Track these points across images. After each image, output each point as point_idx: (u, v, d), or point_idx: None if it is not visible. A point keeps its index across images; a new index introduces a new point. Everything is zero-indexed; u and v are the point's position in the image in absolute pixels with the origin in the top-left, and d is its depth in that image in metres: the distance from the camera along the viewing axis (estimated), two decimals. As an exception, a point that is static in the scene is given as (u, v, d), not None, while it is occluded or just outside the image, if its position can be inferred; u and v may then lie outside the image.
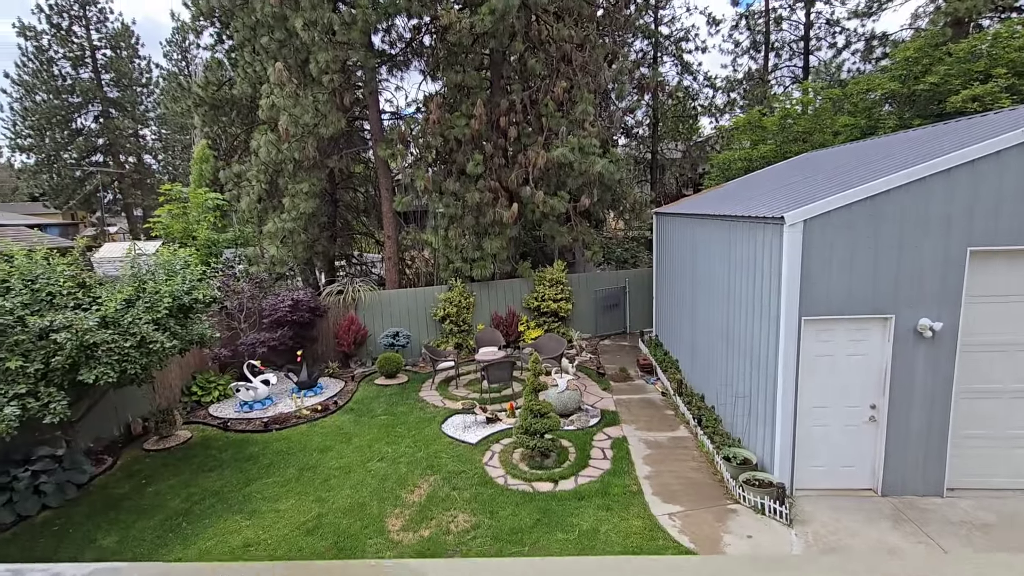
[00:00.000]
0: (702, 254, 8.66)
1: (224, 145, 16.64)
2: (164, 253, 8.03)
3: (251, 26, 12.25)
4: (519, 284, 13.53)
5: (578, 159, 11.63)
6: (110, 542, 5.85)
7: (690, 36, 22.11)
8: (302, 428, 8.80)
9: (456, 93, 12.81)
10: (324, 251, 15.10)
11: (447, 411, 9.19)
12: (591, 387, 10.07)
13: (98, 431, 8.13)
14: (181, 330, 7.25)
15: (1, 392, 5.46)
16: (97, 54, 30.48)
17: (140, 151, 33.56)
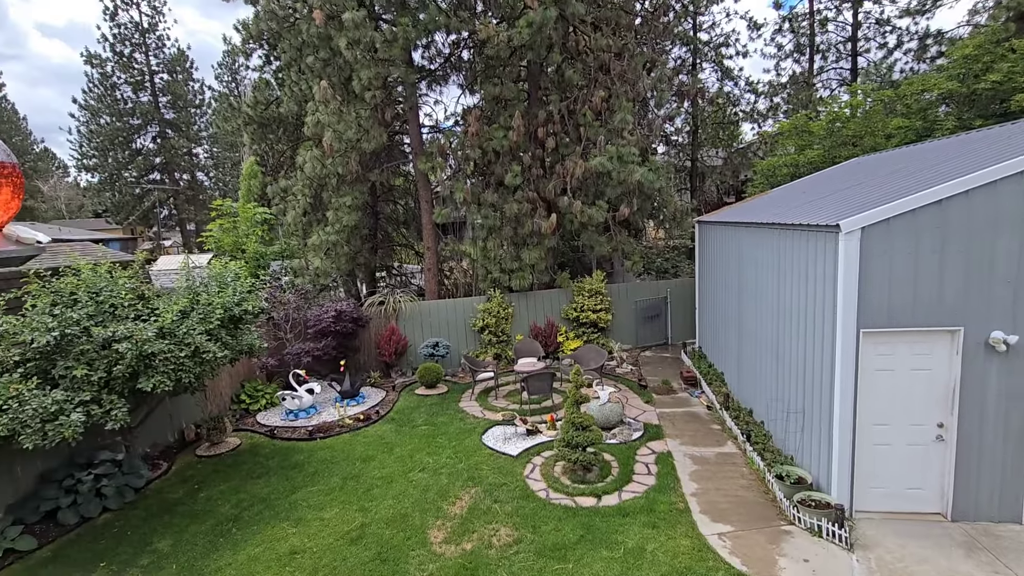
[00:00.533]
0: (749, 263, 8.38)
1: (271, 161, 17.30)
2: (216, 266, 8.36)
3: (297, 47, 12.73)
4: (558, 295, 13.45)
5: (617, 168, 11.51)
6: (165, 545, 6.06)
7: (730, 41, 21.69)
8: (345, 437, 8.94)
9: (494, 105, 12.94)
10: (366, 262, 15.44)
11: (487, 422, 9.16)
12: (633, 400, 9.86)
13: (154, 437, 8.48)
14: (232, 340, 7.50)
15: (68, 399, 5.76)
16: (155, 78, 32.37)
17: (193, 169, 35.32)
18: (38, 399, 5.53)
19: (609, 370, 11.75)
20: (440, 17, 10.95)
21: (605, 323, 13.09)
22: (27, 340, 5.89)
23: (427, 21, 11.10)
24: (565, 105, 12.48)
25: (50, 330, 5.92)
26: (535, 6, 10.44)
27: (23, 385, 5.55)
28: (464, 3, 11.92)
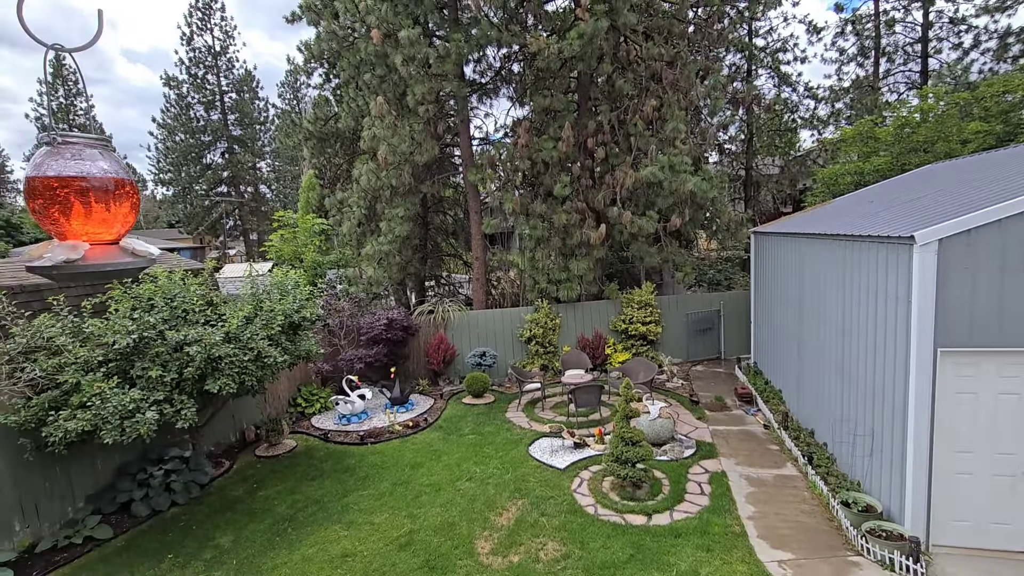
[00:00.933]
0: (810, 276, 8.00)
1: (329, 174, 18.03)
2: (278, 274, 8.76)
3: (355, 65, 13.26)
4: (606, 306, 13.28)
5: (668, 178, 11.29)
6: (226, 541, 6.34)
7: (788, 46, 20.95)
8: (394, 443, 9.10)
9: (544, 117, 13.01)
10: (416, 272, 15.78)
11: (534, 433, 9.11)
12: (684, 415, 9.56)
13: (218, 436, 8.93)
14: (291, 346, 7.82)
15: (144, 398, 6.15)
16: (225, 98, 34.55)
17: (257, 182, 37.33)
18: (118, 397, 5.94)
19: (659, 384, 11.47)
20: (492, 32, 11.13)
21: (655, 336, 12.81)
22: (110, 342, 6.34)
23: (479, 36, 11.32)
24: (615, 115, 12.40)
25: (130, 333, 6.36)
26: (586, 17, 10.45)
27: (105, 384, 5.98)
28: (515, 17, 12.08)
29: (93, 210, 1.26)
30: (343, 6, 12.51)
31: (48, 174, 1.22)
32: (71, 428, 5.68)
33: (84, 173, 1.25)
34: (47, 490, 6.48)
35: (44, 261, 1.21)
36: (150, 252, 1.33)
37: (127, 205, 1.32)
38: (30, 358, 6.02)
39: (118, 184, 1.31)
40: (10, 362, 5.87)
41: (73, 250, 1.21)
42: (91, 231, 1.28)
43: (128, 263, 1.30)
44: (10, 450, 6.05)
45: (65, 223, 1.25)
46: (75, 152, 1.27)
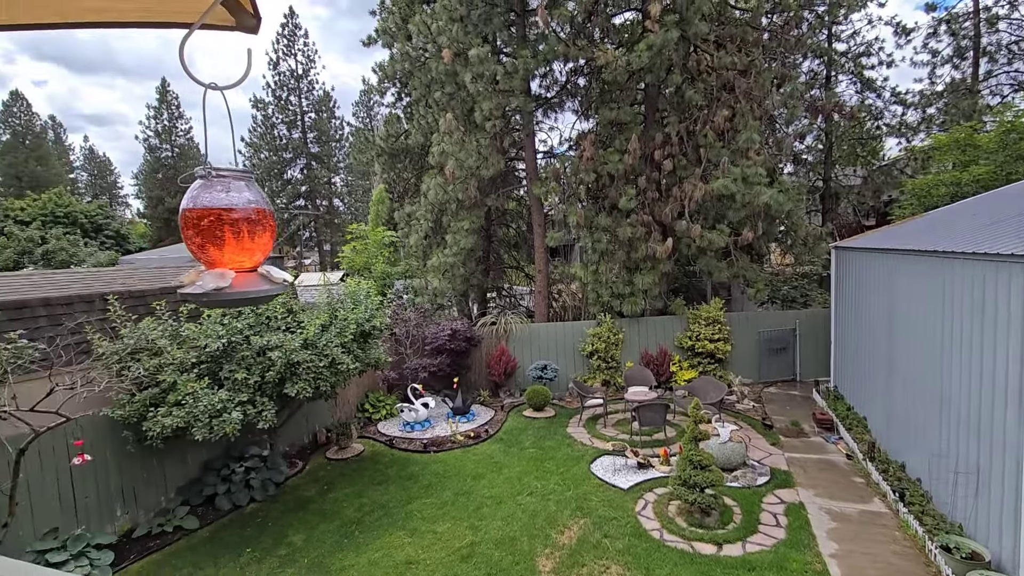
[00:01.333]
0: (903, 296, 7.40)
1: (398, 189, 18.74)
2: (351, 284, 9.16)
3: (426, 83, 13.76)
4: (671, 321, 12.89)
5: (741, 190, 10.86)
6: (298, 540, 6.63)
7: (872, 50, 19.67)
8: (456, 453, 9.22)
9: (609, 129, 12.92)
10: (479, 283, 16.03)
11: (596, 451, 8.94)
12: (756, 440, 9.06)
13: (292, 437, 9.40)
14: (362, 353, 8.14)
15: (230, 398, 6.60)
16: (305, 117, 36.88)
17: (331, 196, 39.47)
18: (208, 397, 6.40)
19: (728, 405, 10.96)
20: (559, 47, 11.23)
21: (723, 354, 12.27)
22: (202, 345, 6.87)
23: (546, 51, 11.45)
24: (684, 126, 12.11)
25: (220, 337, 6.85)
26: (655, 29, 10.33)
27: (198, 384, 6.46)
28: (583, 31, 12.13)
29: (239, 239, 1.34)
30: (416, 28, 13.05)
31: (203, 206, 1.31)
32: (167, 424, 6.18)
33: (233, 204, 1.33)
34: (144, 480, 7.06)
35: (196, 288, 1.29)
36: (285, 279, 1.42)
37: (267, 234, 1.41)
38: (135, 358, 6.62)
39: (259, 214, 1.38)
40: (119, 361, 6.48)
41: (221, 278, 1.28)
42: (235, 260, 1.36)
43: (267, 290, 1.38)
44: (116, 442, 6.66)
45: (215, 252, 1.33)
46: (225, 185, 1.35)
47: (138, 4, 1.27)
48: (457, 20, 12.04)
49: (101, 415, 6.46)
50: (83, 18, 1.31)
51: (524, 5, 12.81)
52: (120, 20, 1.32)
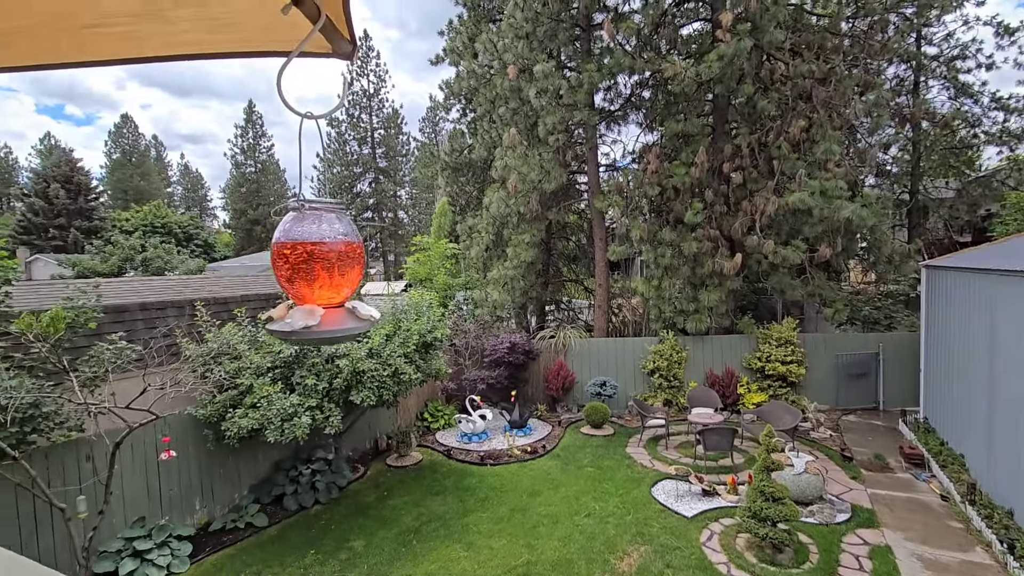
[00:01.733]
0: (1009, 320, 6.67)
1: (461, 202, 19.14)
2: (414, 296, 9.40)
3: (491, 99, 14.02)
4: (739, 341, 12.30)
5: (819, 204, 10.25)
6: (359, 545, 6.79)
7: (969, 52, 18.09)
8: (513, 467, 9.17)
9: (675, 141, 12.62)
10: (537, 296, 16.01)
11: (657, 474, 8.62)
12: (834, 473, 8.42)
13: (355, 443, 9.70)
14: (423, 364, 8.31)
15: (301, 403, 6.90)
16: (375, 134, 38.62)
17: (397, 208, 40.99)
18: (281, 401, 6.73)
19: (802, 433, 10.27)
20: (625, 60, 11.13)
21: (796, 377, 11.55)
22: (276, 350, 7.25)
23: (611, 65, 11.38)
24: (755, 138, 11.62)
25: (293, 344, 7.21)
26: (726, 39, 10.02)
27: (272, 388, 6.81)
28: (649, 43, 11.96)
29: (329, 275, 1.32)
30: (482, 46, 13.35)
31: (293, 239, 1.30)
32: (243, 425, 6.54)
33: (324, 238, 1.31)
34: (221, 477, 7.50)
35: (285, 326, 1.27)
36: (372, 315, 1.39)
37: (357, 269, 1.39)
38: (217, 361, 7.08)
39: (349, 247, 1.36)
40: (203, 364, 6.95)
41: (310, 316, 1.26)
42: (325, 295, 1.34)
43: (354, 328, 1.35)
44: (198, 439, 7.12)
45: (304, 287, 1.31)
46: (316, 217, 1.33)
47: (237, 36, 1.30)
48: (523, 37, 12.22)
49: (186, 414, 6.95)
50: (184, 51, 1.36)
51: (589, 20, 12.83)
52: (218, 51, 1.36)
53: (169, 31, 1.25)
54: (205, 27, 1.24)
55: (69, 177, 40.59)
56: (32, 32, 1.20)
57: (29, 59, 1.30)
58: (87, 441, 6.02)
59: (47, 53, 1.30)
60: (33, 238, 38.38)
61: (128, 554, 6.06)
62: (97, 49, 1.28)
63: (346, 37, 1.17)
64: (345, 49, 1.21)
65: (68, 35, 1.22)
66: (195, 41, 1.31)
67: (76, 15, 1.15)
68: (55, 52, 1.30)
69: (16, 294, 6.49)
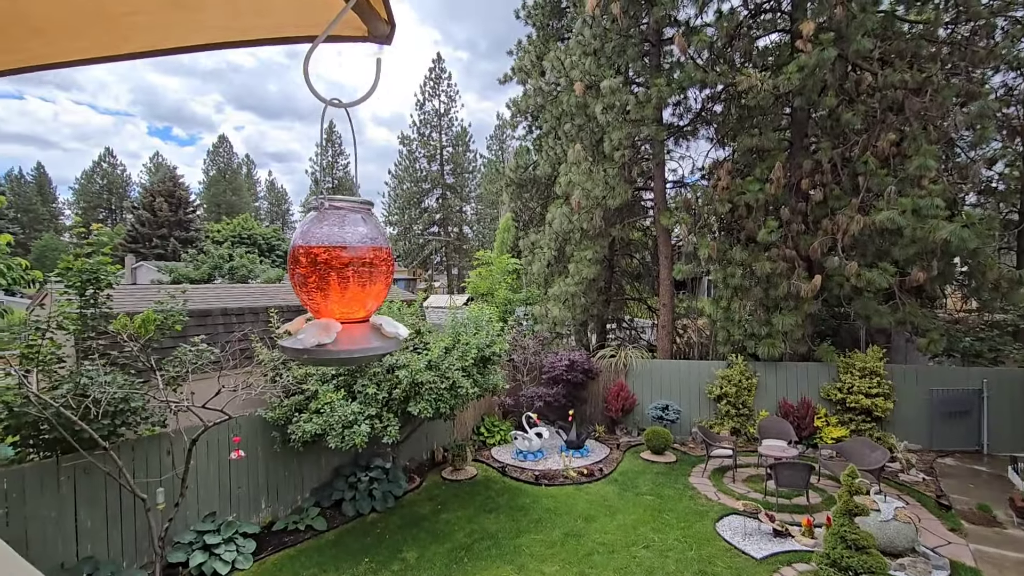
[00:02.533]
0: None
1: (524, 217, 19.25)
2: (474, 310, 9.46)
3: (557, 116, 14.07)
4: (816, 369, 11.44)
5: (911, 223, 9.41)
6: (411, 556, 6.81)
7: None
8: (568, 489, 8.93)
9: (748, 157, 12.07)
10: (598, 314, 15.70)
11: (722, 508, 8.09)
12: (928, 522, 7.54)
13: (412, 453, 9.82)
14: (481, 378, 8.30)
15: (361, 411, 7.07)
16: (444, 151, 39.88)
17: (462, 223, 41.99)
18: (343, 408, 6.93)
19: (889, 475, 9.33)
20: (697, 74, 10.81)
21: (883, 412, 10.55)
22: (341, 359, 7.48)
23: (682, 79, 11.09)
24: (838, 152, 10.88)
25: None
26: (807, 49, 9.50)
27: (335, 395, 7.03)
28: (723, 56, 11.57)
29: (350, 285, 1.17)
30: (550, 64, 13.46)
31: (311, 243, 1.16)
32: (308, 430, 6.78)
33: (346, 242, 1.17)
34: (285, 478, 7.80)
35: (295, 343, 1.11)
36: (398, 334, 1.23)
37: (382, 280, 1.23)
38: (287, 366, 7.41)
39: (375, 255, 1.20)
40: (273, 369, 7.29)
41: (325, 332, 1.11)
42: (345, 309, 1.19)
43: (375, 348, 1.19)
44: (266, 441, 7.46)
45: (320, 299, 1.17)
46: (339, 218, 1.19)
47: (270, 21, 1.22)
48: (590, 54, 12.20)
49: (256, 416, 7.30)
50: (213, 39, 1.28)
51: (659, 35, 12.62)
52: (249, 39, 1.27)
53: (196, 19, 1.20)
54: (232, 13, 1.19)
55: (172, 192, 44.77)
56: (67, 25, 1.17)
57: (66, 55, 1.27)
58: (168, 436, 6.45)
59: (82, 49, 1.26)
60: (139, 246, 42.52)
61: (198, 547, 6.39)
62: (126, 41, 1.24)
63: (383, 17, 1.09)
64: (382, 31, 1.12)
65: (100, 26, 1.18)
66: (225, 28, 1.26)
67: (104, 5, 1.12)
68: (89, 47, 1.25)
69: (116, 297, 7.12)
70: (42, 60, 1.24)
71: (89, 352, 6.22)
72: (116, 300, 6.98)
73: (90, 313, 6.19)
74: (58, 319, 5.94)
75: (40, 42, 1.18)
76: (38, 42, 1.17)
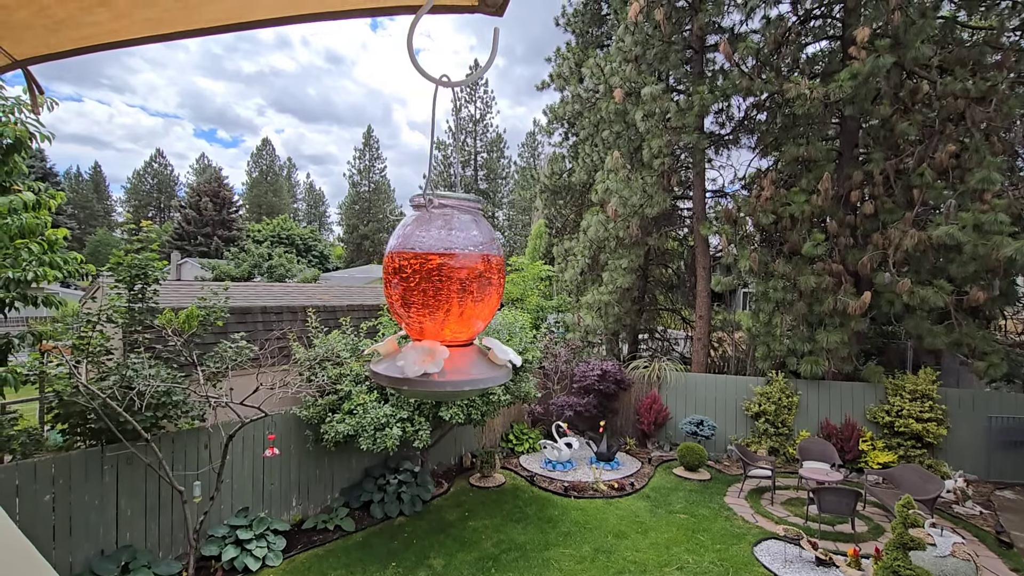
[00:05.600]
0: None
1: (557, 224, 19.11)
2: (508, 316, 9.38)
3: (595, 123, 13.94)
4: (862, 389, 10.91)
5: (971, 239, 8.89)
6: (438, 564, 6.74)
7: None
8: (598, 503, 8.72)
9: (793, 167, 11.66)
10: (632, 324, 15.42)
11: (760, 531, 7.75)
12: (988, 560, 7.04)
13: (441, 458, 9.79)
14: (512, 386, 8.20)
15: (393, 414, 7.07)
16: (478, 157, 40.16)
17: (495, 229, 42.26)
18: (375, 410, 6.94)
19: (942, 506, 8.78)
20: (742, 81, 10.53)
21: (935, 439, 9.97)
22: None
23: (725, 86, 10.83)
24: (891, 164, 10.40)
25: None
26: (861, 56, 9.13)
27: (368, 397, 7.05)
28: (769, 63, 11.24)
29: (463, 301, 1.00)
30: (589, 71, 13.35)
31: (414, 248, 0.99)
32: (340, 430, 6.81)
33: (454, 248, 0.99)
34: (316, 478, 7.86)
35: (394, 371, 0.95)
36: (510, 361, 1.04)
37: (496, 294, 1.03)
38: (322, 366, 7.48)
39: (487, 263, 1.03)
40: (309, 368, 7.37)
41: (431, 359, 0.93)
42: (452, 330, 1.02)
43: (488, 379, 0.99)
44: (299, 440, 7.54)
45: (425, 317, 0.99)
46: (446, 220, 1.03)
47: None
48: (631, 60, 12.04)
49: (290, 414, 7.39)
50: (306, 10, 1.17)
51: (703, 42, 12.37)
52: (345, 8, 1.15)
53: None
54: None
55: (216, 192, 46.44)
56: None
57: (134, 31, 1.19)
58: (206, 431, 6.58)
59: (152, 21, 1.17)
60: (185, 244, 44.21)
61: (231, 541, 6.48)
62: (198, 11, 1.15)
63: None
64: (495, 1, 1.00)
65: None
66: None
67: None
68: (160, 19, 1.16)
69: (162, 293, 7.33)
70: (108, 37, 1.17)
71: (135, 345, 6.41)
72: (162, 295, 7.18)
73: (138, 307, 6.38)
74: (108, 312, 6.13)
75: (107, 14, 1.11)
76: (105, 14, 1.11)
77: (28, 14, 1.09)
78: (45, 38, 1.21)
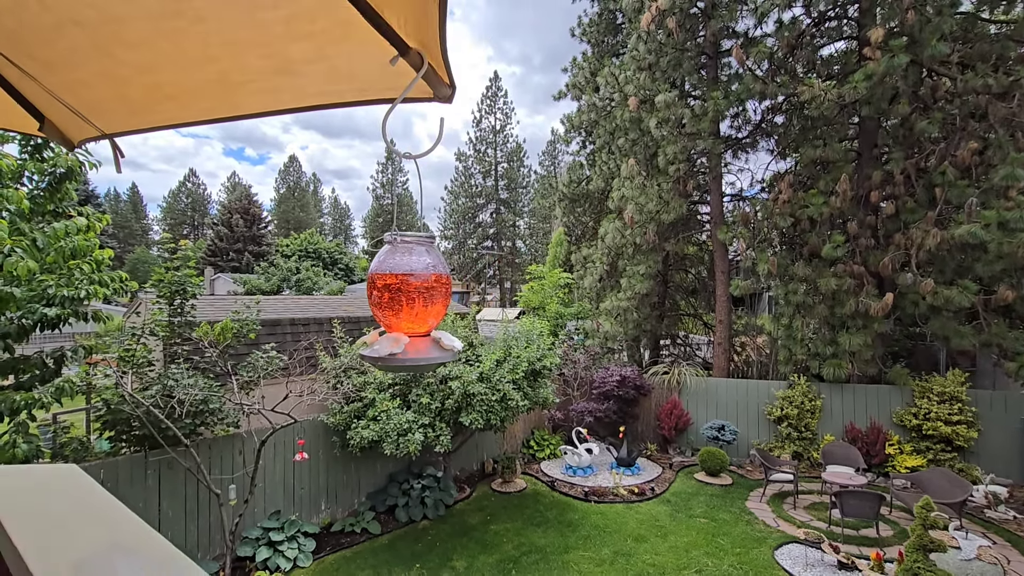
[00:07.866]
0: None
1: (576, 232, 19.28)
2: (526, 323, 9.59)
3: (610, 131, 14.11)
4: (887, 392, 10.73)
5: (996, 238, 8.74)
6: (460, 566, 6.94)
7: None
8: (618, 507, 8.81)
9: (811, 169, 11.62)
10: (651, 329, 15.43)
11: (782, 535, 7.73)
12: (1018, 564, 6.88)
13: (463, 463, 10.00)
14: (531, 391, 8.39)
15: (415, 420, 7.33)
16: (498, 167, 40.61)
17: (515, 237, 42.45)
18: (398, 416, 7.21)
19: (973, 510, 8.59)
20: (756, 85, 10.58)
21: (965, 442, 9.74)
22: (397, 369, 7.81)
23: (740, 91, 10.88)
24: (912, 163, 10.29)
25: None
26: (876, 56, 9.11)
27: (391, 403, 7.33)
28: (783, 66, 11.26)
29: (415, 306, 1.40)
30: (604, 80, 13.55)
31: (385, 272, 1.40)
32: (365, 436, 7.10)
33: (412, 269, 1.40)
34: (343, 482, 8.16)
35: (372, 352, 1.36)
36: (454, 346, 1.45)
37: (443, 301, 1.45)
38: (347, 374, 7.80)
39: (436, 280, 1.42)
40: (335, 376, 7.70)
41: (395, 344, 1.34)
42: (411, 325, 1.42)
43: (437, 357, 1.43)
44: (327, 445, 7.86)
45: (391, 316, 1.40)
46: (407, 250, 1.42)
47: (355, 85, 1.46)
48: (645, 68, 12.19)
49: (318, 420, 7.72)
50: (313, 102, 1.57)
51: (716, 47, 12.45)
52: (342, 101, 1.52)
53: (300, 84, 1.46)
54: (327, 79, 1.43)
55: (247, 209, 47.99)
56: (195, 92, 1.46)
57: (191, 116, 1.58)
58: (240, 437, 6.94)
59: (205, 110, 1.57)
60: (217, 259, 45.75)
61: (264, 543, 6.81)
62: (240, 105, 1.53)
63: (446, 82, 1.27)
64: (445, 93, 1.31)
65: (221, 92, 1.47)
66: (321, 92, 1.52)
67: (227, 74, 1.40)
68: (211, 108, 1.56)
69: (199, 307, 7.77)
70: (171, 121, 1.55)
71: (175, 356, 6.84)
72: (198, 309, 7.62)
73: (177, 321, 6.81)
74: (151, 326, 6.57)
75: (172, 106, 1.48)
76: (171, 105, 1.48)
77: (110, 97, 1.44)
78: (127, 118, 1.61)
